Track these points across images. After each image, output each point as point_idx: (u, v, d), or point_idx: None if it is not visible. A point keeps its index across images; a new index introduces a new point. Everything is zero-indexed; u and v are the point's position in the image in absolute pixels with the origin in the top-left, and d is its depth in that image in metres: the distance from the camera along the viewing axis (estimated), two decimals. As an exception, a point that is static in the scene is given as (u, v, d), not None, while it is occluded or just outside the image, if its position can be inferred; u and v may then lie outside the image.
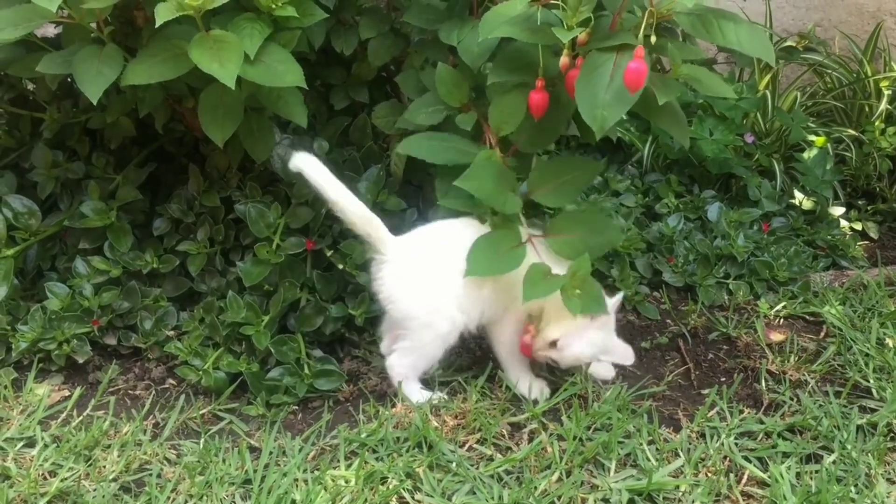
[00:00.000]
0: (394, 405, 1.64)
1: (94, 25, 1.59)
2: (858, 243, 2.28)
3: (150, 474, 1.48)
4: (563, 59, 1.49)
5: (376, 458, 1.50)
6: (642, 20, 1.40)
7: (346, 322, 1.83)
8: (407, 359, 1.65)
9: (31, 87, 2.03)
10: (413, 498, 1.42)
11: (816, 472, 1.47)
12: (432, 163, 1.77)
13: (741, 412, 1.63)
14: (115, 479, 1.47)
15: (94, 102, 1.53)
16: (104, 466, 1.50)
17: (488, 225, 1.62)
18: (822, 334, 1.90)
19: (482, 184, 1.56)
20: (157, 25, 1.44)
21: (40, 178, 1.93)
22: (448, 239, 1.64)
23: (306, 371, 1.71)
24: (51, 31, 1.87)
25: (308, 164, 1.60)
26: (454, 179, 1.56)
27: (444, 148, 1.65)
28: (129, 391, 1.73)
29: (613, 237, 1.67)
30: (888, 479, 1.47)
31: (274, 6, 1.57)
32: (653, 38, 1.39)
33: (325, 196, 1.61)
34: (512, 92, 1.60)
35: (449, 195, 1.63)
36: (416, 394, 1.65)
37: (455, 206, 1.64)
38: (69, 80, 1.88)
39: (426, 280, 1.62)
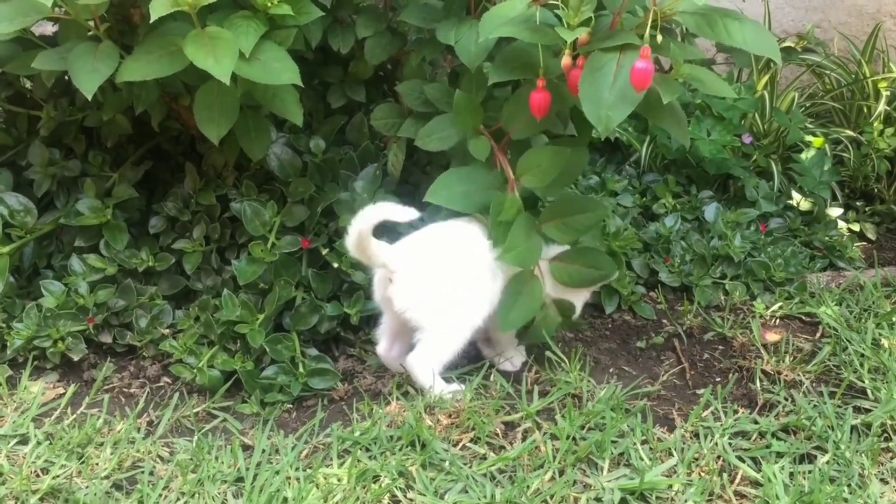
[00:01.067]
0: (388, 403, 1.64)
1: (90, 23, 1.59)
2: (856, 244, 2.28)
3: (143, 472, 1.48)
4: (566, 59, 1.49)
5: (369, 457, 1.50)
6: (645, 20, 1.40)
7: (341, 321, 1.82)
8: (430, 355, 1.63)
9: (28, 84, 2.03)
10: (405, 496, 1.42)
11: (810, 472, 1.47)
12: (430, 161, 1.77)
13: (735, 412, 1.62)
14: (107, 477, 1.47)
15: (89, 97, 1.53)
16: (97, 464, 1.50)
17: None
18: (818, 335, 1.89)
19: (520, 251, 1.61)
20: (152, 21, 1.44)
21: (37, 175, 1.93)
22: (450, 237, 1.67)
23: (301, 370, 1.71)
24: (48, 29, 1.87)
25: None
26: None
27: (473, 192, 1.66)
28: (124, 389, 1.73)
29: (609, 272, 1.73)
30: (881, 480, 1.46)
31: (269, 4, 1.57)
32: (658, 38, 1.39)
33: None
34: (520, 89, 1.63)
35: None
36: (443, 386, 1.65)
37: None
38: (66, 77, 1.89)
39: (440, 279, 1.63)
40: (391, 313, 1.67)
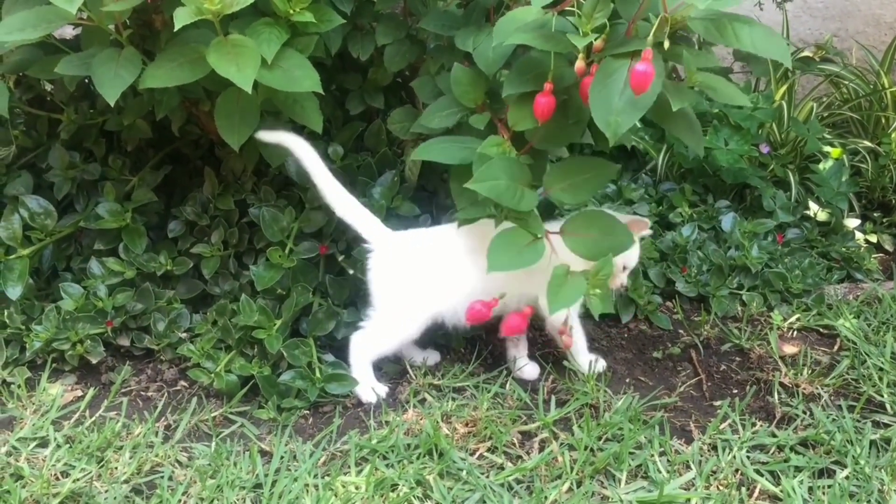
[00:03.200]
0: (405, 411, 1.64)
1: (112, 28, 1.60)
2: (873, 256, 2.27)
3: (162, 476, 1.49)
4: (579, 64, 1.48)
5: (387, 465, 1.50)
6: (656, 26, 1.39)
7: (358, 327, 1.82)
8: (370, 341, 1.72)
9: (49, 88, 2.04)
10: (423, 505, 1.42)
11: (829, 486, 1.46)
12: (447, 166, 1.76)
13: (753, 425, 1.62)
14: (126, 481, 1.48)
15: (112, 104, 1.53)
16: (116, 468, 1.50)
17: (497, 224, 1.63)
18: (836, 347, 1.89)
19: (494, 183, 1.52)
20: (175, 29, 1.45)
21: (57, 178, 1.94)
22: (435, 235, 1.74)
23: (318, 375, 1.71)
24: (69, 32, 1.88)
25: (298, 147, 1.70)
26: (468, 180, 1.53)
27: (459, 149, 1.63)
28: (142, 392, 1.74)
29: (624, 240, 1.63)
30: (901, 496, 1.46)
31: (292, 11, 1.58)
32: (666, 44, 1.38)
33: (314, 182, 1.72)
34: (530, 99, 1.59)
35: (467, 207, 1.62)
36: (365, 376, 1.71)
37: (474, 215, 1.63)
38: (87, 81, 1.89)
39: (408, 275, 1.70)
40: None
